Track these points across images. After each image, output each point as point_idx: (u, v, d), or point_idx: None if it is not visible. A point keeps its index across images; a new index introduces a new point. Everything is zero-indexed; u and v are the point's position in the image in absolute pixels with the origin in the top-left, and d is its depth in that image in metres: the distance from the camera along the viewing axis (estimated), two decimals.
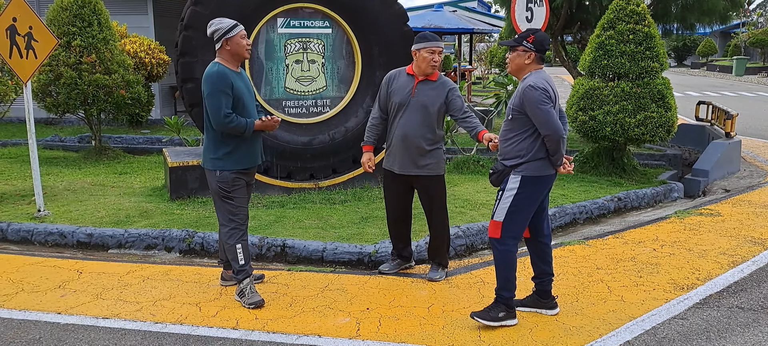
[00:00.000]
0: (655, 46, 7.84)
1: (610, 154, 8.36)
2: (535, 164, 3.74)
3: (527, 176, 3.73)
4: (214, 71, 4.06)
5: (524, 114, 3.71)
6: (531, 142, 3.74)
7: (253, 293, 4.20)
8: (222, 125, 4.05)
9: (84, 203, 6.76)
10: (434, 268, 4.71)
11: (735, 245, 5.40)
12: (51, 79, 9.02)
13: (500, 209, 3.78)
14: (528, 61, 3.78)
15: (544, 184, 3.79)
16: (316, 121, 7.14)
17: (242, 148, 4.19)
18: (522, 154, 3.74)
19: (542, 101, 3.63)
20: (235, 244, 4.20)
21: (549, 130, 3.66)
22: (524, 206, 3.76)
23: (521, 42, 3.78)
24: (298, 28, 7.05)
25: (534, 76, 3.73)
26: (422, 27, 17.28)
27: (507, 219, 3.76)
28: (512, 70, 3.88)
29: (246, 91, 4.24)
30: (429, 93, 4.46)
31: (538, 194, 3.79)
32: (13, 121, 13.43)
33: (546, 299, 4.02)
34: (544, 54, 3.79)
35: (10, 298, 4.34)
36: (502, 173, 3.82)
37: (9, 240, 5.76)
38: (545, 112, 3.63)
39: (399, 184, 4.63)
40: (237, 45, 4.11)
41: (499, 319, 3.81)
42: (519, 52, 3.79)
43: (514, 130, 3.79)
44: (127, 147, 10.78)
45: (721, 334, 3.75)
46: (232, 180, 4.18)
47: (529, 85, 3.67)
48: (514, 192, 3.74)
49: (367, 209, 6.46)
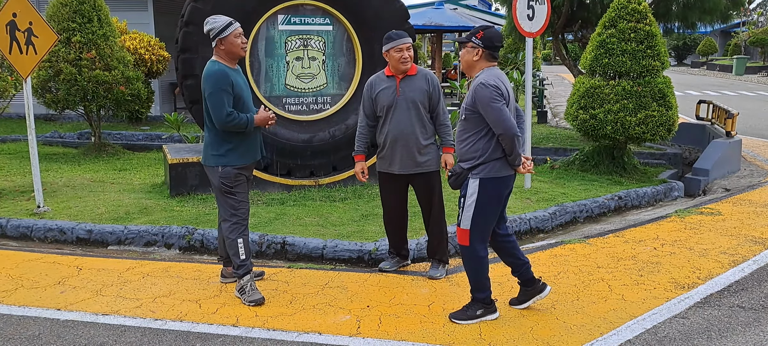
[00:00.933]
0: (656, 45, 7.82)
1: (610, 152, 8.35)
2: (493, 165, 3.70)
3: (485, 179, 3.69)
4: (214, 70, 4.06)
5: (477, 113, 3.66)
6: (486, 142, 3.68)
7: (253, 290, 4.19)
8: (224, 124, 4.05)
9: (83, 200, 6.75)
10: (435, 265, 4.70)
11: (736, 244, 5.39)
12: (51, 76, 9.01)
13: (465, 216, 3.75)
14: (476, 58, 3.73)
15: (503, 184, 3.76)
16: (316, 119, 7.12)
17: (244, 144, 4.21)
18: (478, 155, 3.69)
19: (494, 99, 3.58)
20: (237, 238, 4.20)
21: (502, 129, 3.60)
22: (488, 210, 3.73)
23: (470, 38, 3.73)
24: (299, 25, 7.03)
25: (485, 74, 3.68)
26: (423, 25, 17.27)
27: (473, 225, 3.73)
28: (463, 67, 3.85)
29: (245, 88, 4.25)
30: (413, 87, 4.48)
31: (499, 195, 3.76)
32: (13, 117, 13.41)
33: (533, 285, 4.01)
34: (495, 51, 3.72)
35: (10, 294, 4.33)
36: (461, 176, 3.77)
37: (8, 236, 5.75)
38: (497, 109, 3.58)
39: (397, 184, 4.62)
40: (231, 44, 4.10)
41: (477, 316, 3.83)
42: (467, 48, 3.75)
43: (468, 130, 3.74)
44: (127, 143, 10.77)
45: (722, 333, 3.74)
46: (234, 176, 4.19)
47: (480, 82, 3.62)
48: (475, 197, 3.70)
49: (367, 206, 6.45)
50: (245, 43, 4.21)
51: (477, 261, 3.80)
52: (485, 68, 3.73)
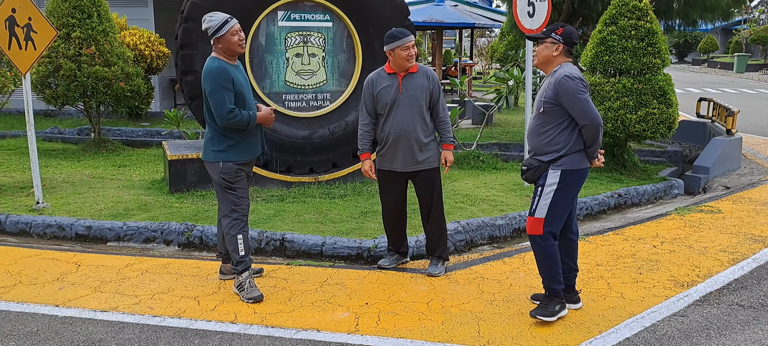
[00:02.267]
0: (657, 43, 7.81)
1: (610, 150, 8.34)
2: (573, 157, 3.70)
3: (567, 170, 3.69)
4: (214, 67, 4.05)
5: (559, 106, 3.66)
6: (567, 134, 3.70)
7: (252, 287, 4.18)
8: (226, 121, 4.04)
9: (83, 196, 6.75)
10: (434, 262, 4.69)
11: (735, 243, 5.38)
12: (50, 71, 8.99)
13: (541, 205, 3.72)
14: (555, 54, 3.75)
15: (582, 176, 3.77)
16: (316, 115, 7.11)
17: (245, 141, 4.21)
18: (559, 148, 3.70)
19: (580, 90, 3.61)
20: (237, 234, 4.20)
21: (588, 120, 3.62)
22: (564, 201, 3.73)
23: (549, 34, 3.75)
24: (299, 21, 7.02)
25: (567, 68, 3.70)
26: (423, 22, 17.23)
27: (548, 215, 3.72)
28: (539, 62, 3.83)
29: (245, 84, 4.23)
30: (415, 85, 4.47)
31: (576, 187, 3.76)
32: (12, 113, 13.40)
33: (571, 293, 4.02)
34: (572, 47, 3.74)
35: (8, 290, 4.32)
36: (539, 170, 3.75)
37: (7, 232, 5.74)
38: (584, 101, 3.61)
39: (398, 182, 4.62)
40: (228, 42, 4.08)
41: (556, 312, 3.81)
42: (547, 43, 3.76)
43: (547, 123, 3.73)
44: (127, 140, 10.75)
45: (721, 332, 3.74)
46: (235, 172, 4.19)
47: (565, 75, 3.63)
48: (554, 187, 3.69)
49: (367, 203, 6.44)
50: (243, 40, 4.19)
51: (549, 251, 3.77)
52: (563, 63, 3.75)
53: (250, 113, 4.13)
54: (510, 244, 5.61)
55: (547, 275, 3.83)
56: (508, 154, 9.44)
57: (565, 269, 3.98)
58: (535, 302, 4.09)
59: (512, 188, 7.20)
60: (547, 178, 3.72)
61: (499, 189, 7.17)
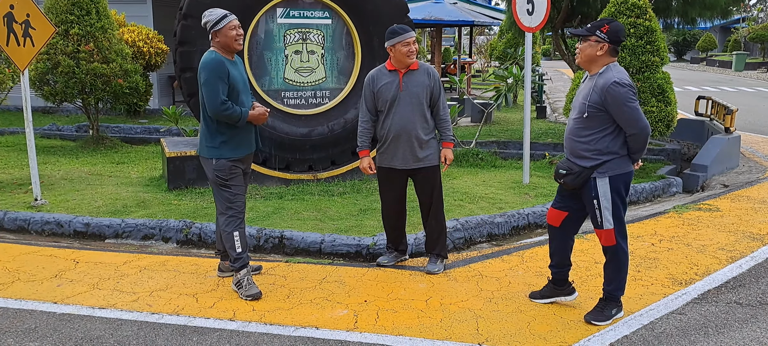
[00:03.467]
0: (656, 41, 7.80)
1: None
2: (617, 162, 3.62)
3: (614, 176, 3.62)
4: (211, 59, 4.06)
5: (604, 111, 3.55)
6: (611, 140, 3.59)
7: (250, 285, 4.18)
8: (218, 112, 4.04)
9: (81, 193, 6.74)
10: (433, 260, 4.69)
11: (733, 241, 5.39)
12: (48, 68, 8.98)
13: (605, 217, 3.66)
14: (600, 53, 3.59)
15: (629, 178, 3.70)
16: (315, 113, 7.11)
17: (238, 137, 4.20)
18: (603, 153, 3.60)
19: (630, 98, 3.48)
20: (233, 232, 4.19)
21: (637, 129, 3.52)
22: (622, 204, 3.68)
23: (594, 31, 3.58)
24: (298, 18, 7.01)
25: (616, 72, 3.54)
26: (423, 19, 17.22)
27: (616, 223, 3.68)
28: (582, 61, 3.67)
29: (241, 81, 4.23)
30: (416, 82, 4.47)
31: (627, 188, 3.70)
32: (11, 110, 13.38)
33: (563, 286, 4.03)
34: (619, 46, 3.60)
35: (6, 287, 4.32)
36: (580, 176, 3.65)
37: (5, 229, 5.74)
38: (634, 109, 3.49)
39: (397, 179, 4.61)
40: (225, 36, 4.09)
41: (612, 316, 3.79)
42: (591, 42, 3.59)
43: (590, 128, 3.61)
44: (125, 137, 10.74)
45: (719, 329, 3.74)
46: (229, 168, 4.18)
47: (615, 81, 3.48)
48: (609, 196, 3.63)
49: (366, 201, 6.44)
50: (240, 36, 4.18)
51: (623, 257, 3.73)
52: (609, 64, 3.61)
53: (241, 109, 4.12)
54: (509, 242, 5.61)
55: (618, 283, 3.79)
56: (507, 152, 9.44)
57: (561, 264, 3.98)
58: (533, 301, 4.10)
59: (511, 186, 7.20)
60: (597, 189, 3.64)
61: (498, 187, 7.17)
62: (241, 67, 4.34)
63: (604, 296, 3.84)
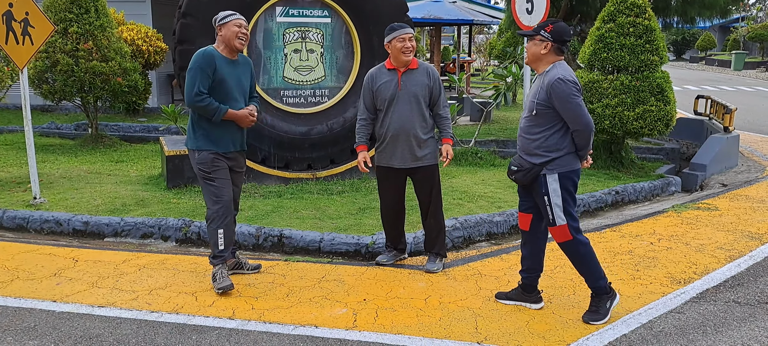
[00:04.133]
0: (655, 40, 7.81)
1: (608, 147, 8.35)
2: (566, 159, 3.67)
3: (563, 172, 3.66)
4: (201, 51, 4.12)
5: (551, 108, 3.61)
6: (560, 137, 3.65)
7: (223, 278, 4.20)
8: (191, 102, 4.06)
9: (80, 191, 6.74)
10: (432, 259, 4.69)
11: (732, 240, 5.40)
12: (47, 66, 8.97)
13: (557, 214, 3.69)
14: (544, 52, 3.67)
15: (577, 175, 3.74)
16: (314, 112, 7.11)
17: (218, 132, 4.19)
18: (552, 150, 3.65)
19: (573, 94, 3.54)
20: (218, 228, 4.19)
21: (580, 125, 3.57)
22: (572, 198, 3.71)
23: (539, 31, 3.68)
24: (297, 17, 7.01)
25: (560, 69, 3.62)
26: (422, 18, 17.21)
27: (567, 218, 3.69)
28: (529, 60, 3.79)
29: (234, 81, 4.19)
30: (415, 81, 4.47)
31: (575, 184, 3.74)
32: (9, 108, 13.37)
33: (531, 292, 4.01)
34: (564, 45, 3.67)
35: (6, 285, 4.32)
36: (530, 172, 3.70)
37: (4, 227, 5.73)
38: (577, 105, 3.55)
39: (397, 179, 4.61)
40: (228, 30, 4.12)
41: (608, 311, 3.78)
42: (536, 41, 3.70)
43: (540, 125, 3.67)
44: (124, 135, 10.73)
45: (718, 328, 3.75)
46: (211, 160, 4.18)
47: (558, 78, 3.55)
48: (559, 192, 3.66)
49: (365, 200, 6.44)
50: (244, 36, 4.18)
51: (583, 249, 3.73)
52: (555, 62, 3.67)
53: (219, 105, 4.10)
54: (508, 240, 5.62)
55: (589, 275, 3.78)
56: (506, 151, 9.45)
57: (529, 268, 3.96)
58: (499, 301, 4.06)
59: (510, 185, 7.21)
60: (547, 185, 3.68)
61: (497, 186, 7.17)
62: (244, 70, 4.31)
63: (592, 293, 3.84)
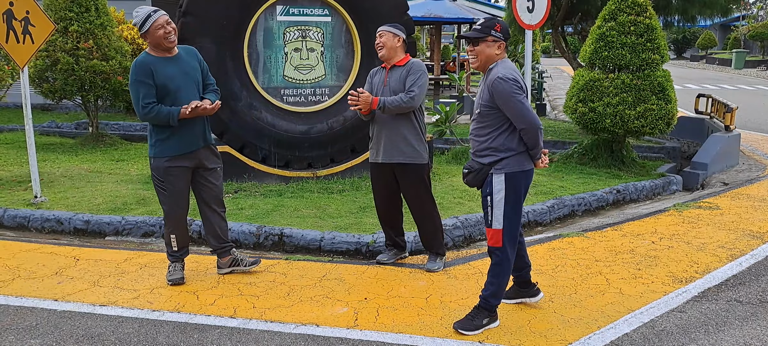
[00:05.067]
0: (656, 38, 7.80)
1: (609, 146, 8.34)
2: (516, 159, 3.55)
3: (510, 173, 3.54)
4: (134, 62, 4.03)
5: (496, 108, 3.51)
6: (506, 136, 3.53)
7: (175, 271, 4.33)
8: (143, 116, 3.99)
9: (81, 190, 6.73)
10: (432, 258, 4.69)
11: (733, 239, 5.39)
12: (48, 65, 8.96)
13: (495, 216, 3.57)
14: (498, 52, 3.55)
15: (527, 178, 3.62)
16: (314, 110, 7.10)
17: (177, 135, 4.10)
18: (500, 150, 3.55)
19: (514, 92, 3.42)
20: (170, 233, 4.28)
21: (525, 124, 3.46)
22: (518, 206, 3.60)
23: (489, 32, 3.53)
24: (297, 16, 7.00)
25: (500, 68, 3.51)
26: (422, 16, 17.20)
27: (505, 224, 3.57)
28: (482, 63, 3.60)
29: (178, 77, 4.06)
30: (397, 78, 4.50)
31: (524, 188, 3.62)
32: (10, 107, 13.36)
33: (527, 288, 3.99)
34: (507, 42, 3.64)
35: (7, 284, 4.31)
36: (480, 173, 3.61)
37: (5, 226, 5.73)
38: (518, 103, 3.43)
39: (385, 174, 4.62)
40: (153, 36, 4.00)
41: (483, 326, 3.65)
42: (488, 42, 3.54)
43: (487, 126, 3.57)
44: (124, 134, 10.73)
45: (720, 327, 3.75)
46: (164, 169, 4.13)
47: (498, 77, 3.45)
48: (503, 194, 3.55)
49: (365, 198, 6.44)
50: (170, 33, 4.01)
51: (506, 265, 3.63)
52: (499, 61, 3.57)
53: (170, 109, 3.98)
54: None
55: (496, 289, 3.66)
56: None
57: (519, 267, 3.91)
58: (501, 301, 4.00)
59: None
60: (492, 185, 3.57)
61: None
62: (188, 62, 4.16)
63: (479, 303, 3.69)
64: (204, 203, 4.38)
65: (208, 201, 4.37)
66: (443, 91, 20.44)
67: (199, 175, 4.31)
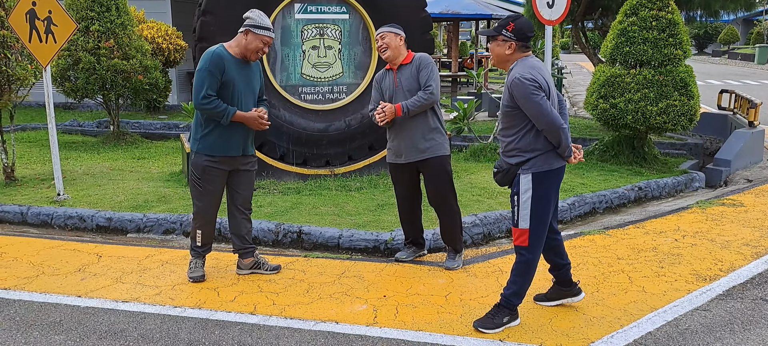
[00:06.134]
0: (678, 33, 7.69)
1: (630, 142, 8.24)
2: (543, 158, 3.51)
3: (537, 173, 3.51)
4: (211, 51, 4.05)
5: (517, 108, 3.48)
6: (533, 135, 3.50)
7: (196, 268, 4.35)
8: (199, 105, 4.02)
9: (103, 188, 6.81)
10: (451, 256, 4.67)
11: (758, 236, 5.30)
12: (70, 64, 9.08)
13: (522, 216, 3.55)
14: (509, 52, 3.53)
15: (556, 176, 3.58)
16: (332, 108, 7.10)
17: (223, 136, 4.13)
18: (525, 151, 3.52)
19: (532, 93, 3.37)
20: (197, 227, 4.33)
21: (545, 124, 3.41)
22: (545, 205, 3.55)
23: (500, 31, 3.51)
24: (315, 13, 7.00)
25: (520, 67, 3.47)
26: (440, 13, 17.13)
27: (532, 224, 3.54)
28: (495, 62, 3.62)
29: (243, 83, 4.13)
30: (408, 76, 4.46)
31: (553, 188, 3.59)
32: (33, 106, 13.56)
33: (569, 286, 3.93)
34: (528, 42, 3.53)
35: (31, 281, 4.38)
36: (508, 173, 3.59)
37: (29, 223, 5.82)
38: (536, 104, 3.37)
39: (406, 174, 4.60)
40: (254, 41, 4.07)
41: (503, 324, 3.64)
42: (498, 42, 3.54)
43: (512, 126, 3.54)
44: (145, 132, 10.84)
45: (746, 326, 3.68)
46: (203, 167, 4.16)
47: (515, 77, 3.41)
48: (530, 194, 3.51)
49: (383, 196, 6.43)
50: (262, 53, 4.13)
51: (531, 266, 3.60)
52: (519, 60, 3.54)
53: (227, 107, 4.03)
54: None
55: (518, 288, 3.64)
56: None
57: (558, 266, 3.87)
58: (538, 303, 3.98)
59: None
60: (519, 184, 3.54)
61: None
62: (254, 71, 4.26)
63: (500, 302, 3.65)
64: (232, 203, 4.41)
65: (237, 202, 4.39)
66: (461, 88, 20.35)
67: (233, 176, 4.34)
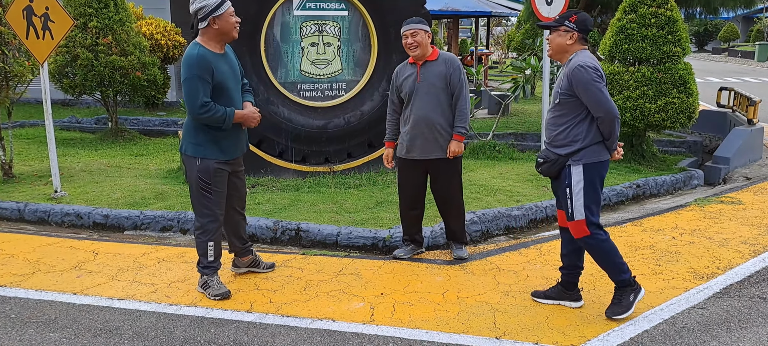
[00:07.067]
0: (677, 31, 7.67)
1: (629, 140, 8.23)
2: (593, 149, 3.60)
3: (588, 164, 3.59)
4: (193, 54, 3.72)
5: (574, 97, 3.57)
6: (585, 126, 3.59)
7: (219, 284, 4.06)
8: (197, 116, 3.73)
9: (100, 185, 6.80)
10: (457, 246, 4.74)
11: (757, 234, 5.29)
12: (67, 61, 9.06)
13: (576, 207, 3.62)
14: (570, 42, 3.63)
15: (604, 168, 3.66)
16: (331, 105, 7.09)
17: (227, 139, 3.92)
18: (577, 140, 3.59)
19: (594, 80, 3.49)
20: (208, 241, 3.97)
21: (603, 112, 3.51)
22: (595, 194, 3.64)
23: (563, 22, 3.63)
24: (314, 10, 6.98)
25: (582, 56, 3.58)
26: (439, 10, 17.10)
27: (587, 213, 3.62)
28: (553, 52, 3.72)
29: (230, 75, 3.90)
30: (433, 72, 4.46)
31: (600, 179, 3.66)
32: (30, 102, 13.54)
33: (571, 290, 3.94)
34: (587, 34, 3.64)
35: (27, 278, 4.37)
36: (556, 163, 3.65)
37: (26, 220, 5.81)
38: (598, 91, 3.49)
39: (417, 170, 4.60)
40: (226, 23, 3.77)
41: (631, 304, 3.72)
42: (560, 32, 3.64)
43: (564, 115, 3.63)
44: (143, 129, 10.82)
45: (742, 324, 3.67)
46: (214, 171, 3.89)
47: (579, 65, 3.52)
48: (582, 185, 3.59)
49: (382, 193, 6.42)
50: (238, 23, 3.89)
51: (604, 245, 3.66)
52: (577, 51, 3.64)
53: (226, 110, 3.78)
54: (526, 235, 5.56)
55: (611, 269, 3.72)
56: (525, 145, 9.36)
57: (570, 265, 3.89)
58: (537, 300, 3.99)
59: (528, 179, 7.14)
60: (570, 176, 3.62)
61: (516, 179, 7.11)
62: (232, 57, 4.02)
63: (616, 286, 3.79)
64: (230, 204, 4.20)
65: (234, 203, 4.22)
66: None
67: (231, 177, 4.13)
